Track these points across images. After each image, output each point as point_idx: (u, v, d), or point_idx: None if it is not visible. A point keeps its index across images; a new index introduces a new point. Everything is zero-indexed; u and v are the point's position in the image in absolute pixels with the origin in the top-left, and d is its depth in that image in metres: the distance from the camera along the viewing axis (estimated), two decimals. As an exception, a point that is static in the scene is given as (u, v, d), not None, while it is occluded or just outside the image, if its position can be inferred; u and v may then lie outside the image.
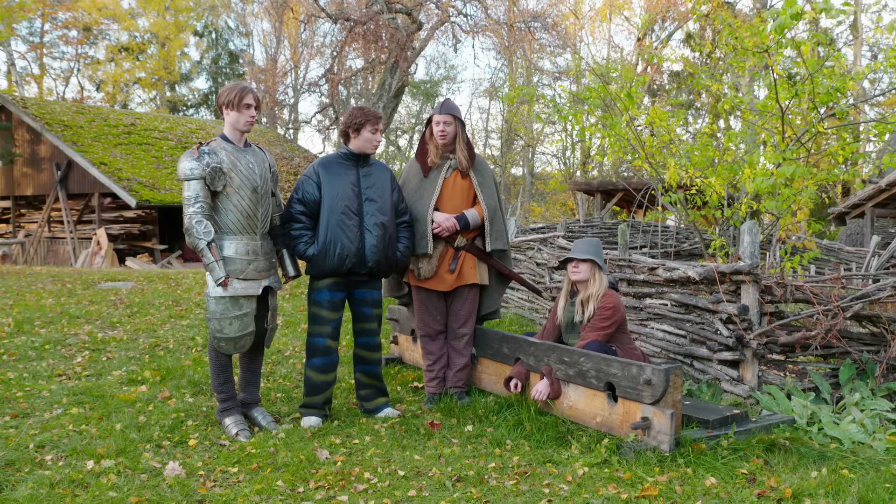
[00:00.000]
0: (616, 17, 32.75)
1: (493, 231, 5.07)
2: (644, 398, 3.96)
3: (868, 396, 4.99)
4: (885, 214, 15.59)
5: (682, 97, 22.45)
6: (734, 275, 5.22)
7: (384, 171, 4.85)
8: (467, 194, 5.06)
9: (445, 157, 5.07)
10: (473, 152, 5.13)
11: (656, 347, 5.91)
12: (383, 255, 4.68)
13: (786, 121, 7.06)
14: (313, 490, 3.50)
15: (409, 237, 4.89)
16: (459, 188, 5.04)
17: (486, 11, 20.54)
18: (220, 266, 4.24)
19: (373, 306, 4.82)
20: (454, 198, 5.03)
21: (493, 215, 5.08)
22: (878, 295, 5.25)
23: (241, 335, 4.38)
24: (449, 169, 5.06)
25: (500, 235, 5.09)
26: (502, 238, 5.10)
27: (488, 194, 5.09)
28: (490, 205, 5.06)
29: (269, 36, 38.15)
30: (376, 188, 4.73)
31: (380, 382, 4.96)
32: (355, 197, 4.66)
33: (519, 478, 3.67)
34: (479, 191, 5.05)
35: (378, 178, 4.78)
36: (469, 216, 4.98)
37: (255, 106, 4.41)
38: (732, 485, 3.55)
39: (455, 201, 5.03)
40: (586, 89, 8.12)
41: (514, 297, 9.12)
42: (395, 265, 4.83)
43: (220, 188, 4.30)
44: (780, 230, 8.18)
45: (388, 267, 4.78)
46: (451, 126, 5.00)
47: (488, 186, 5.12)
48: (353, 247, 4.59)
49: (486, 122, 39.53)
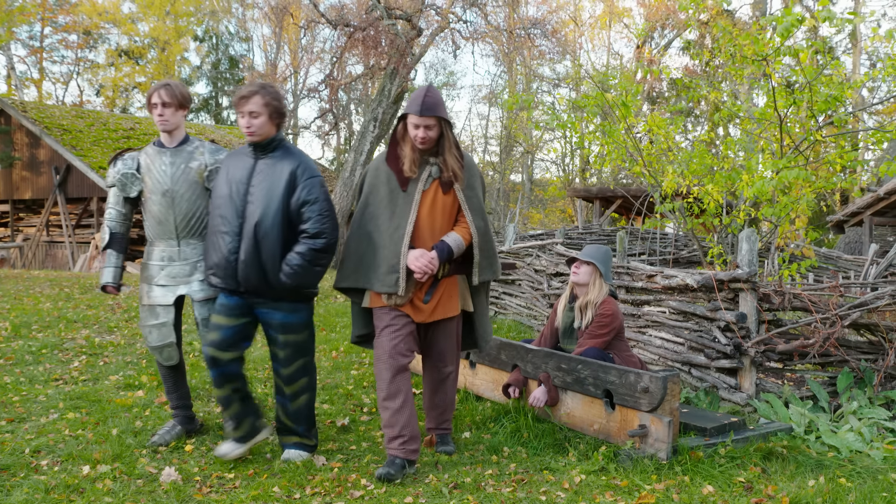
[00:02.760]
0: (616, 24, 32.82)
1: (484, 259, 3.96)
2: (641, 406, 3.96)
3: (866, 405, 4.99)
4: (884, 223, 15.61)
5: (682, 104, 22.47)
6: (732, 282, 5.22)
7: (286, 162, 3.80)
8: (450, 211, 3.88)
9: (424, 162, 3.86)
10: (462, 156, 3.91)
11: (654, 355, 5.91)
12: (259, 274, 3.71)
13: (784, 129, 7.07)
14: (310, 496, 3.49)
15: (308, 254, 3.70)
16: (441, 204, 3.85)
17: (486, 18, 20.56)
18: (105, 272, 4.26)
19: (279, 331, 3.88)
20: (433, 217, 3.83)
21: (484, 240, 3.94)
22: (877, 303, 5.26)
23: (161, 345, 4.17)
24: (429, 179, 3.84)
25: (492, 264, 4.03)
26: (493, 265, 4.04)
27: (477, 211, 3.93)
28: (480, 227, 3.92)
29: (269, 41, 38.21)
30: (264, 186, 3.75)
31: (290, 421, 4.03)
32: (239, 197, 3.77)
33: (516, 485, 3.67)
34: (467, 208, 3.88)
35: (273, 174, 3.77)
36: (453, 244, 3.83)
37: (165, 104, 3.96)
38: (730, 493, 3.54)
39: (435, 222, 3.84)
40: (584, 97, 8.14)
41: (512, 303, 9.11)
42: (284, 288, 3.76)
43: (134, 194, 4.18)
44: (778, 238, 8.20)
45: (270, 289, 3.77)
46: (434, 130, 3.76)
47: (477, 200, 3.96)
48: (223, 259, 3.76)
49: (485, 129, 39.58)
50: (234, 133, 26.97)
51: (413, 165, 3.81)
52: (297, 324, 3.89)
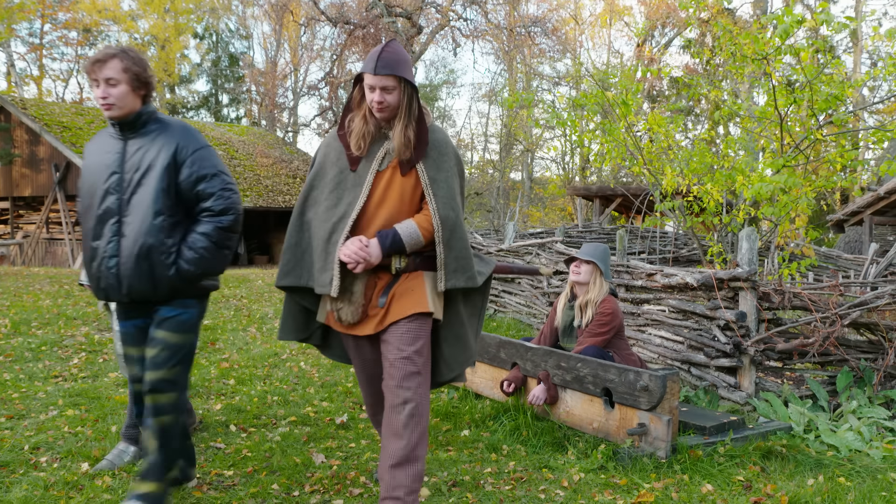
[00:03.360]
0: (616, 22, 32.81)
1: (452, 260, 3.09)
2: (641, 404, 3.95)
3: (865, 404, 4.99)
4: (884, 222, 15.61)
5: (682, 103, 22.48)
6: (732, 281, 5.22)
7: (164, 138, 3.13)
8: (411, 198, 3.10)
9: (382, 137, 3.12)
10: (426, 130, 3.10)
11: (654, 353, 5.91)
12: (145, 279, 3.07)
13: (784, 128, 7.06)
14: (308, 494, 3.49)
15: (214, 234, 3.10)
16: (399, 189, 3.08)
17: (486, 16, 20.57)
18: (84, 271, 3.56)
19: (156, 325, 3.14)
20: (387, 205, 3.07)
21: (453, 235, 3.08)
22: (876, 303, 5.26)
23: (121, 354, 3.78)
24: (385, 158, 3.10)
25: (464, 267, 3.12)
26: (466, 269, 3.12)
27: (445, 199, 3.08)
28: (448, 218, 3.07)
29: (269, 39, 38.20)
30: (141, 170, 3.09)
31: (153, 439, 3.14)
32: (112, 189, 3.11)
33: (515, 483, 3.67)
34: (431, 194, 3.06)
35: (148, 155, 3.10)
36: (403, 232, 3.02)
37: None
38: (729, 492, 3.54)
39: (390, 210, 3.07)
40: (583, 95, 8.13)
41: (511, 301, 9.11)
42: (184, 280, 3.11)
43: None
44: (778, 237, 8.20)
45: (160, 292, 3.11)
46: (395, 93, 3.00)
47: (446, 186, 3.11)
48: (99, 266, 3.11)
49: (485, 127, 39.59)
50: (234, 131, 26.95)
51: (362, 140, 3.07)
52: (180, 321, 3.15)
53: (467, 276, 3.11)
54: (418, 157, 3.07)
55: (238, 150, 24.01)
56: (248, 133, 26.97)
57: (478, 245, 10.09)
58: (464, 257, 3.11)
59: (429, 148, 3.10)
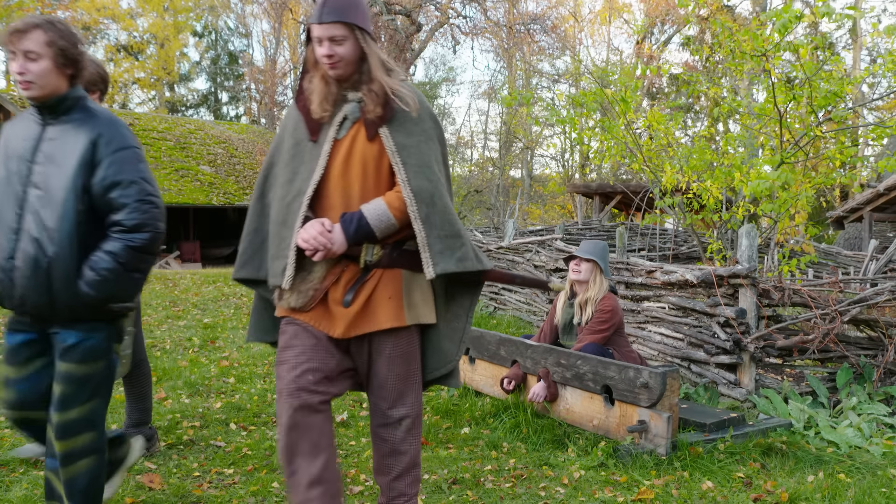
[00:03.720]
0: (615, 20, 32.79)
1: (437, 240, 2.53)
2: (641, 401, 3.96)
3: (865, 400, 4.99)
4: (884, 219, 15.61)
5: (682, 100, 22.48)
6: (732, 278, 5.22)
7: (85, 129, 2.62)
8: (377, 168, 2.55)
9: (341, 100, 2.58)
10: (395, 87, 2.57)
11: (654, 350, 5.91)
12: (41, 288, 2.56)
13: (784, 124, 7.06)
14: (309, 492, 3.49)
15: (123, 254, 2.55)
16: (362, 158, 2.53)
17: (486, 13, 20.57)
18: None
19: (61, 357, 2.64)
20: (350, 177, 2.54)
21: (433, 210, 2.53)
22: (876, 299, 5.26)
23: None
24: (344, 124, 2.56)
25: (454, 246, 2.56)
26: (459, 249, 2.57)
27: (419, 167, 2.54)
28: (421, 188, 2.51)
29: (268, 37, 38.18)
30: (54, 163, 2.59)
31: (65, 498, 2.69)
32: (20, 179, 2.62)
33: (515, 481, 3.67)
34: (400, 162, 2.52)
35: (64, 146, 2.61)
36: (370, 214, 2.49)
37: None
38: (729, 488, 3.54)
39: (352, 184, 2.54)
40: (582, 93, 8.13)
41: (511, 299, 9.11)
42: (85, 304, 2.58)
43: None
44: (778, 234, 8.19)
45: (58, 309, 2.59)
46: (347, 44, 2.48)
47: (419, 152, 2.57)
48: (1, 262, 2.61)
49: (485, 125, 39.59)
50: (233, 129, 26.93)
51: (325, 102, 2.55)
52: (86, 349, 2.64)
53: (458, 258, 2.54)
54: (382, 120, 2.53)
55: (238, 149, 24.01)
56: (247, 131, 26.96)
57: (478, 242, 10.08)
58: (451, 235, 2.55)
59: (395, 110, 2.53)
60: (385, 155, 2.55)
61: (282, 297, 2.58)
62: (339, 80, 2.55)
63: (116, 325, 2.79)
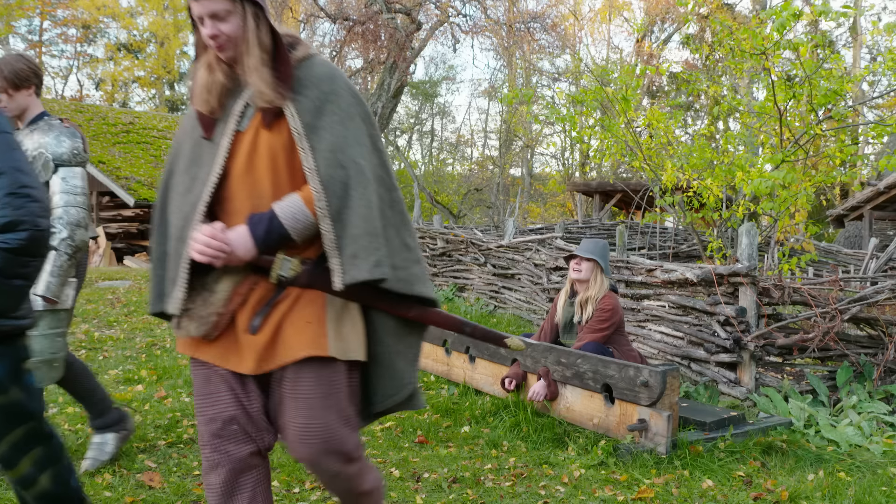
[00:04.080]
0: (615, 18, 32.78)
1: (351, 240, 2.03)
2: (641, 400, 3.96)
3: (865, 399, 4.99)
4: (884, 217, 15.60)
5: (681, 98, 22.48)
6: (732, 277, 5.22)
7: None
8: (289, 163, 2.09)
9: (239, 87, 2.15)
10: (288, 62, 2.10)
11: (654, 349, 5.91)
12: None
13: (784, 123, 7.06)
14: (309, 490, 3.49)
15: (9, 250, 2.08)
16: (268, 152, 2.08)
17: (486, 12, 20.55)
18: None
19: None
20: (256, 176, 2.09)
21: (345, 201, 2.05)
22: (876, 297, 5.26)
23: None
24: (246, 113, 2.12)
25: (368, 247, 2.04)
26: (373, 251, 2.04)
27: (329, 151, 2.06)
28: (331, 177, 2.04)
29: (268, 35, 38.16)
30: None
31: None
32: None
33: (515, 479, 3.67)
34: (307, 145, 2.05)
35: None
36: (283, 212, 2.04)
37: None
38: (729, 487, 3.54)
39: (260, 183, 2.09)
40: (582, 91, 8.13)
41: (511, 297, 9.11)
42: None
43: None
44: (778, 232, 8.19)
45: None
46: (233, 20, 2.05)
47: (331, 134, 2.08)
48: None
49: (485, 123, 39.56)
50: (234, 127, 26.95)
51: (208, 94, 2.11)
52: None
53: (373, 263, 1.99)
54: (284, 99, 2.04)
55: (237, 147, 24.04)
56: (247, 130, 26.97)
57: (478, 241, 10.07)
58: (368, 235, 2.01)
59: (302, 85, 2.08)
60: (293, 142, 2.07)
61: (180, 325, 2.09)
62: (232, 63, 2.11)
63: (16, 345, 2.35)
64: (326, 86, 2.11)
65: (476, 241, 10.08)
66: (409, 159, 34.28)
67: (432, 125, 39.94)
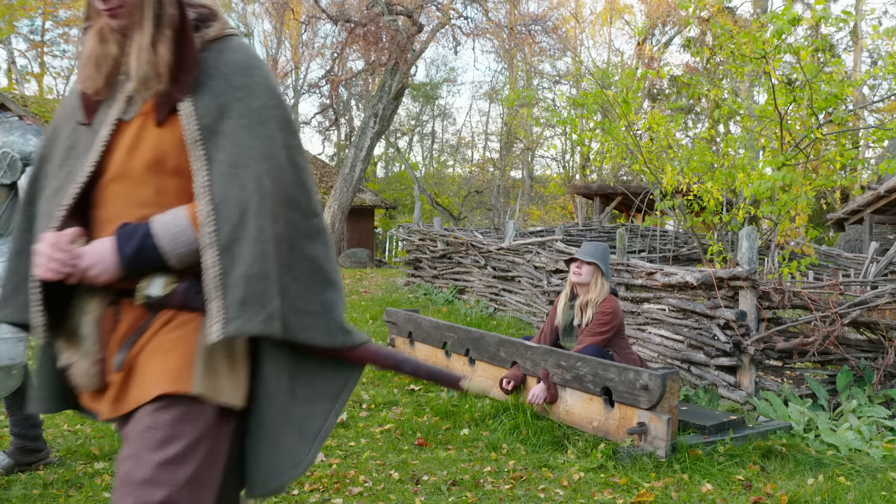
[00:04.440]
0: (616, 20, 32.80)
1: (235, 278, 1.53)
2: (641, 403, 3.95)
3: (865, 403, 4.99)
4: (884, 221, 15.60)
5: (682, 102, 22.48)
6: (732, 280, 5.22)
7: None
8: (181, 167, 1.62)
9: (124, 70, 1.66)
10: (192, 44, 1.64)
11: (654, 352, 5.91)
12: None
13: (784, 126, 7.06)
14: (308, 493, 3.49)
15: None
16: (155, 149, 1.62)
17: (487, 14, 20.55)
18: None
19: None
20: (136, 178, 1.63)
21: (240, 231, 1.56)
22: (877, 302, 5.26)
23: None
24: (134, 100, 1.65)
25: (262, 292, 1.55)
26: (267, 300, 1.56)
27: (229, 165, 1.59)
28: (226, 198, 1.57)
29: (269, 36, 38.19)
30: None
31: None
32: None
33: (514, 482, 3.66)
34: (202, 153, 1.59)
35: None
36: (164, 231, 1.58)
37: None
38: (728, 491, 3.54)
39: (140, 188, 1.63)
40: (583, 94, 8.14)
41: (511, 300, 9.11)
42: None
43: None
44: (778, 236, 8.19)
45: None
46: None
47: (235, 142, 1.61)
48: None
49: (485, 125, 39.59)
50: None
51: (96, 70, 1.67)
52: None
53: (266, 315, 1.54)
54: (182, 91, 1.60)
55: (238, 148, 24.06)
56: (248, 131, 26.96)
57: (478, 243, 10.07)
58: (264, 277, 1.55)
59: (208, 75, 1.63)
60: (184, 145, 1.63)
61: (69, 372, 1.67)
62: (121, 30, 1.64)
63: None
64: (238, 78, 1.64)
65: (476, 244, 10.08)
66: (410, 161, 34.29)
67: (433, 127, 39.98)
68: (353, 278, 13.51)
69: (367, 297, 11.04)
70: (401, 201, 32.87)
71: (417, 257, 12.12)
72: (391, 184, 35.52)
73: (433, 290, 11.07)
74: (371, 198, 22.98)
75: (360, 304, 10.28)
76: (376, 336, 7.62)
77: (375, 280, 13.40)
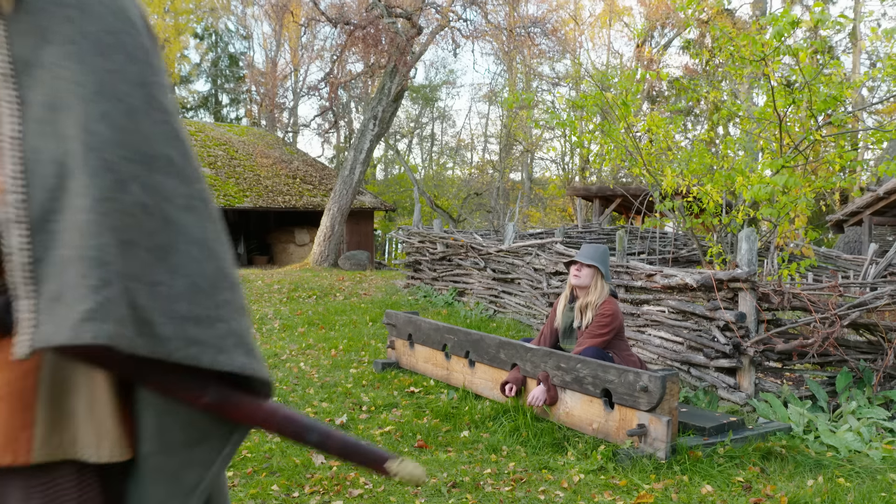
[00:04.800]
0: (616, 23, 32.82)
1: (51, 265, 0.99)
2: (640, 405, 3.96)
3: (865, 405, 4.99)
4: (883, 222, 15.61)
5: (681, 104, 22.51)
6: (732, 282, 5.22)
7: None
8: None
9: None
10: None
11: (653, 354, 5.91)
12: None
13: (784, 128, 7.07)
14: (308, 495, 3.49)
15: None
16: None
17: (486, 16, 20.57)
18: None
19: None
20: None
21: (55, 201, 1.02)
22: (876, 303, 5.26)
23: None
24: None
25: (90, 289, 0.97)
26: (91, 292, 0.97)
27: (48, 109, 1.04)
28: (39, 155, 1.03)
29: (269, 39, 38.19)
30: None
31: None
32: None
33: (514, 484, 3.67)
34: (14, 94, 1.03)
35: None
36: None
37: None
38: (728, 493, 3.54)
39: None
40: (582, 96, 8.15)
41: (511, 302, 9.11)
42: None
43: None
44: (777, 237, 8.20)
45: None
46: None
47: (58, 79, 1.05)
48: None
49: (485, 127, 39.60)
50: (234, 131, 26.97)
51: None
52: None
53: (102, 317, 0.98)
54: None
55: (238, 151, 24.03)
56: (248, 133, 26.98)
57: (478, 245, 10.07)
58: (95, 262, 1.00)
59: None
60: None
61: None
62: None
63: None
64: (80, 3, 1.12)
65: (476, 246, 10.09)
66: (410, 163, 34.30)
67: (432, 129, 39.99)
68: (353, 280, 13.52)
69: (367, 300, 11.04)
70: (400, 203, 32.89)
71: (417, 259, 12.13)
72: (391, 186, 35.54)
73: (433, 292, 11.08)
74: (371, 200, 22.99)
75: (359, 306, 10.28)
76: (376, 338, 7.62)
77: (375, 282, 13.41)
